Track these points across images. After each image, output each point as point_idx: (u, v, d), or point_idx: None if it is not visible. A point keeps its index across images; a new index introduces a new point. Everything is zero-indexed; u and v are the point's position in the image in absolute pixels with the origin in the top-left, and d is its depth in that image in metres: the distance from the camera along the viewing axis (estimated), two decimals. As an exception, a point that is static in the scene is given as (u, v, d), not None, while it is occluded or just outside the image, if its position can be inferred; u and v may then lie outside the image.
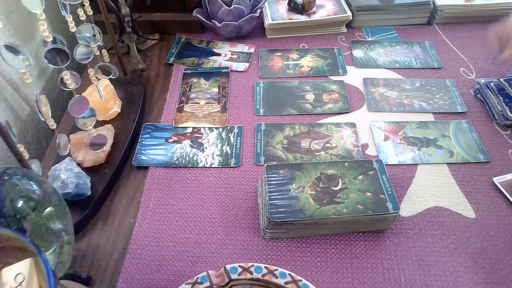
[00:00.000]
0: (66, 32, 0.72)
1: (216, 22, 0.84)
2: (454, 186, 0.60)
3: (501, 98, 0.68)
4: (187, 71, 0.81)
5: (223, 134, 0.69)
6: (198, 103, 0.74)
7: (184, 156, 0.66)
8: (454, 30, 0.89)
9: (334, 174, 0.56)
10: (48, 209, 0.44)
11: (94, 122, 0.63)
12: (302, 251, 0.54)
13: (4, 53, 0.49)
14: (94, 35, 0.64)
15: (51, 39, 0.55)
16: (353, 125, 0.69)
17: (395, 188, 0.59)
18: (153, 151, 0.67)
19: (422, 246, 0.54)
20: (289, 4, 0.90)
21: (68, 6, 0.59)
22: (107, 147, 0.64)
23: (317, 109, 0.72)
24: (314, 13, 0.89)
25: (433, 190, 0.60)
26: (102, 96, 0.67)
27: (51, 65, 0.55)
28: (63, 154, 0.58)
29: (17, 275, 0.31)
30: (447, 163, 0.63)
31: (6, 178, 0.42)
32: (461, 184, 0.60)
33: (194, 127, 0.70)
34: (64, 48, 0.55)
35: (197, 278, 0.42)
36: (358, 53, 0.84)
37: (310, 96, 0.75)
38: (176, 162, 0.65)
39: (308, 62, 0.82)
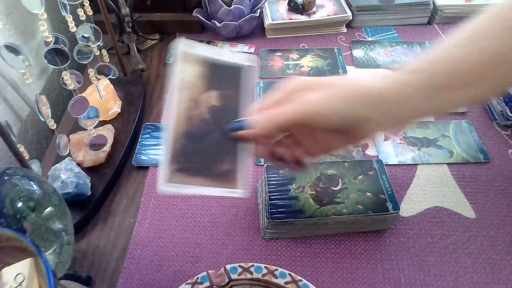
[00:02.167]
0: (66, 32, 0.72)
1: (216, 22, 0.84)
2: (454, 186, 0.60)
3: (501, 98, 0.68)
4: (187, 71, 0.81)
5: (223, 134, 0.69)
6: (198, 103, 0.74)
7: (184, 156, 0.66)
8: (454, 30, 0.88)
9: (334, 174, 0.56)
10: (48, 209, 0.44)
11: (96, 123, 0.63)
12: (302, 251, 0.54)
13: (4, 53, 0.49)
14: (93, 35, 0.64)
15: (51, 39, 0.55)
16: (353, 125, 0.69)
17: (395, 188, 0.59)
18: (153, 151, 0.67)
19: (422, 246, 0.54)
20: (289, 4, 0.90)
21: (68, 6, 0.59)
22: (107, 147, 0.64)
23: (317, 109, 0.72)
24: (314, 13, 0.89)
25: (433, 190, 0.60)
26: (102, 96, 0.67)
27: (51, 65, 0.55)
28: (63, 154, 0.58)
29: (17, 275, 0.31)
30: (447, 163, 0.63)
31: (6, 178, 0.42)
32: (461, 184, 0.60)
33: (194, 127, 0.70)
34: (64, 48, 0.55)
35: (197, 278, 0.42)
36: (358, 53, 0.84)
37: (310, 96, 0.75)
38: (176, 162, 0.65)
39: (308, 62, 0.82)
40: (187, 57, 0.40)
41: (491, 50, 0.40)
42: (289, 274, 0.42)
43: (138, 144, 0.68)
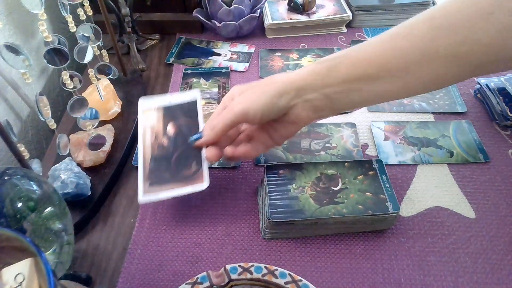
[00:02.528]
0: (66, 32, 0.72)
1: (216, 22, 0.84)
2: (454, 186, 0.60)
3: (501, 98, 0.68)
4: (187, 71, 0.81)
5: (223, 134, 0.69)
6: (198, 103, 0.75)
7: (184, 156, 0.66)
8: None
9: (334, 174, 0.56)
10: (48, 209, 0.44)
11: (96, 124, 0.63)
12: (302, 251, 0.54)
13: (4, 53, 0.49)
14: (93, 35, 0.64)
15: (51, 39, 0.55)
16: (353, 125, 0.69)
17: (395, 188, 0.59)
18: (153, 151, 0.67)
19: (422, 246, 0.54)
20: (289, 4, 0.90)
21: (68, 6, 0.59)
22: (107, 147, 0.64)
23: (317, 109, 0.72)
24: (314, 13, 0.89)
25: (433, 190, 0.60)
26: (102, 96, 0.67)
27: (51, 65, 0.55)
28: (63, 154, 0.58)
29: (17, 275, 0.31)
30: (447, 163, 0.63)
31: (6, 178, 0.42)
32: (461, 184, 0.60)
33: (194, 127, 0.70)
34: (63, 48, 0.55)
35: (197, 278, 0.42)
36: (358, 53, 0.84)
37: (310, 96, 0.75)
38: (176, 162, 0.66)
39: (308, 62, 0.82)
40: (146, 110, 0.60)
41: (413, 48, 0.42)
42: (289, 274, 0.42)
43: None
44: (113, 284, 0.52)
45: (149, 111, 0.59)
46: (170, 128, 0.57)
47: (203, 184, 0.52)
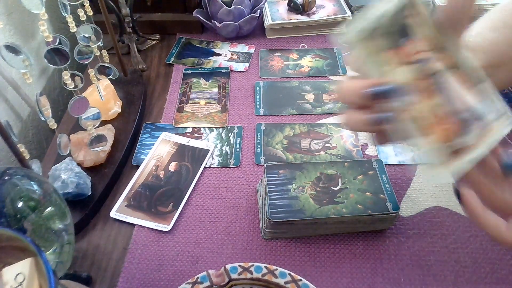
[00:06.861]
0: (66, 32, 0.72)
1: (216, 22, 0.84)
2: (454, 186, 0.60)
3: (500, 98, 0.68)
4: (187, 71, 0.81)
5: (223, 134, 0.69)
6: (198, 103, 0.74)
7: (184, 156, 0.67)
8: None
9: (334, 174, 0.56)
10: (49, 209, 0.44)
11: (98, 124, 0.63)
12: (302, 251, 0.54)
13: (5, 53, 0.49)
14: (94, 36, 0.64)
15: (51, 39, 0.55)
16: (353, 125, 0.69)
17: (395, 188, 0.59)
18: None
19: (421, 246, 0.54)
20: (289, 4, 0.90)
21: (68, 7, 0.59)
22: (107, 147, 0.64)
23: (317, 109, 0.72)
24: (314, 13, 0.89)
25: (433, 190, 0.60)
26: (102, 96, 0.67)
27: (51, 65, 0.55)
28: (63, 154, 0.58)
29: (17, 275, 0.31)
30: (447, 163, 0.63)
31: (6, 178, 0.43)
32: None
33: (194, 127, 0.70)
34: (64, 48, 0.55)
35: (197, 277, 0.42)
36: (358, 53, 0.84)
37: (310, 96, 0.75)
38: (176, 162, 0.66)
39: (308, 62, 0.82)
40: (164, 142, 0.66)
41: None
42: (289, 274, 0.42)
43: (138, 143, 0.68)
44: (113, 284, 0.52)
45: (166, 144, 0.66)
46: (173, 165, 0.63)
47: (167, 227, 0.56)
